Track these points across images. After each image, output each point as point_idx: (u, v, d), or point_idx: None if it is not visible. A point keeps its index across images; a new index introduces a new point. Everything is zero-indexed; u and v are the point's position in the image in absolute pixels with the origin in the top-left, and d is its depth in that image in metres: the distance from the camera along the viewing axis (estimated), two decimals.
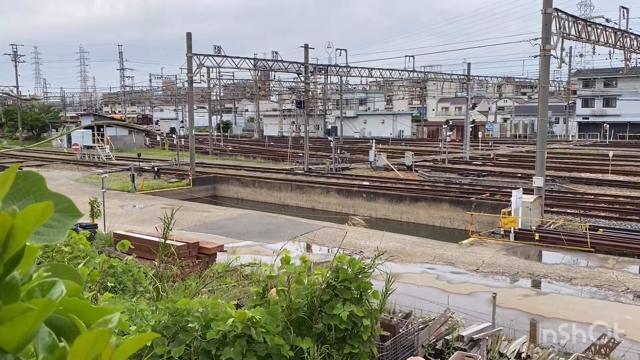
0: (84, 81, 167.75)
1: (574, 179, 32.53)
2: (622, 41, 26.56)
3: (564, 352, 8.58)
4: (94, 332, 0.75)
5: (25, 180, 0.81)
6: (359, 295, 6.13)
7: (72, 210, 0.87)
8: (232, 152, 55.74)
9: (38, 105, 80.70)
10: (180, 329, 5.51)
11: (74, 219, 0.86)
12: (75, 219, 0.86)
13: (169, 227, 7.30)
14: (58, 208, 0.84)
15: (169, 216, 7.51)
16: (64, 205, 0.85)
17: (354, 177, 35.95)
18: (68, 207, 0.86)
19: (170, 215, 7.26)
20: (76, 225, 8.14)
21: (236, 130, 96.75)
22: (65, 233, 0.87)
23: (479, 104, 79.51)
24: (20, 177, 0.80)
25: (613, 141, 62.91)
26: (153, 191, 31.44)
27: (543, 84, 21.54)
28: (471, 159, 43.93)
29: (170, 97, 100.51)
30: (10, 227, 0.72)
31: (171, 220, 7.31)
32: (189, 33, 34.37)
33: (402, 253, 16.89)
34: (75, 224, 0.89)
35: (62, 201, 0.86)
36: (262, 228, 21.32)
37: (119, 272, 9.65)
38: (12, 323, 0.73)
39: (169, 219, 7.27)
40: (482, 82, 62.02)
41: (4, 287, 0.75)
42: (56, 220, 0.83)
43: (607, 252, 17.44)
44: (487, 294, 11.96)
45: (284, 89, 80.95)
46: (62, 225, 0.84)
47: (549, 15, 20.75)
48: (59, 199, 0.85)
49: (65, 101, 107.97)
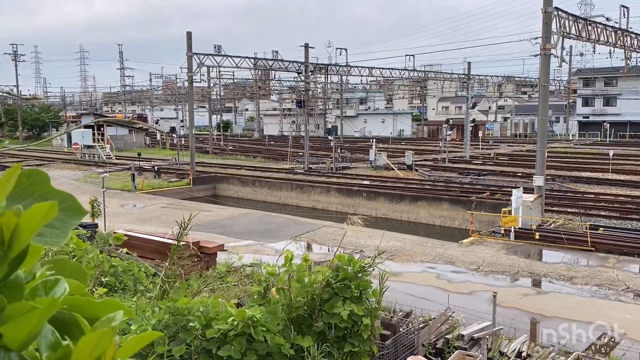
0: (84, 81, 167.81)
1: (575, 178, 32.53)
2: (622, 40, 26.55)
3: (564, 351, 8.59)
4: (98, 332, 0.75)
5: (30, 178, 0.81)
6: (359, 294, 6.15)
7: (77, 209, 0.86)
8: (233, 152, 55.75)
9: (38, 104, 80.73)
10: (181, 328, 5.51)
11: (78, 218, 0.86)
12: (80, 218, 0.86)
13: (185, 229, 7.28)
14: (62, 207, 0.84)
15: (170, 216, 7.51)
16: (68, 204, 0.85)
17: (354, 177, 35.96)
18: (72, 206, 0.86)
19: (189, 218, 7.23)
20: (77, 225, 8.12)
21: (236, 130, 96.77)
22: (68, 235, 0.87)
23: (479, 103, 79.46)
24: (24, 176, 0.81)
25: (613, 140, 62.91)
26: (153, 190, 31.45)
27: (543, 83, 21.54)
28: (471, 158, 43.93)
29: (171, 97, 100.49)
30: (15, 227, 0.72)
31: (188, 223, 7.28)
32: (189, 32, 34.37)
33: (402, 252, 16.90)
34: (79, 223, 0.89)
35: (66, 199, 0.85)
36: (262, 227, 21.33)
37: (120, 271, 9.67)
38: (17, 322, 0.73)
39: (186, 223, 7.25)
40: (483, 81, 62.03)
41: (8, 285, 0.75)
42: (59, 220, 0.83)
43: (607, 251, 17.45)
44: (487, 293, 11.97)
45: (284, 88, 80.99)
46: (65, 226, 0.84)
47: (549, 14, 20.75)
48: (63, 197, 0.85)
49: (65, 101, 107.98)
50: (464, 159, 43.53)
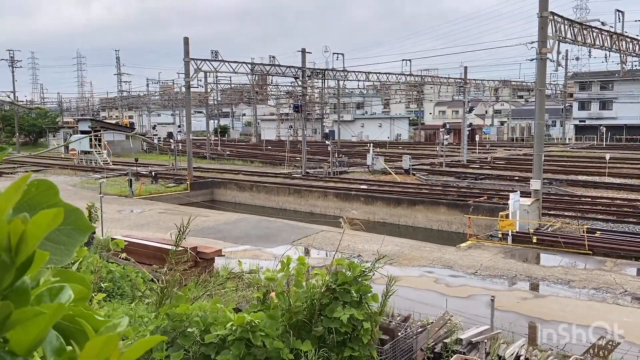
0: (81, 86, 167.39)
1: (571, 182, 32.61)
2: (617, 44, 26.69)
3: (562, 354, 8.60)
4: (104, 337, 0.77)
5: (38, 188, 0.82)
6: (359, 298, 6.15)
7: (84, 224, 0.86)
8: (230, 157, 55.74)
9: (35, 110, 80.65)
10: (179, 334, 5.51)
11: (84, 234, 0.86)
12: (87, 234, 0.86)
13: (183, 234, 7.26)
14: (69, 220, 0.84)
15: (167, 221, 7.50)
16: (75, 218, 0.85)
17: (351, 181, 35.97)
18: (79, 220, 0.86)
19: (188, 222, 7.22)
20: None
21: (234, 135, 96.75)
22: (73, 253, 0.86)
23: (476, 107, 79.71)
24: (33, 186, 0.82)
25: (610, 144, 63.09)
26: (151, 196, 31.41)
27: (540, 87, 21.62)
28: (469, 162, 44.01)
29: (168, 102, 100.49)
30: (22, 233, 0.73)
31: (187, 228, 7.27)
32: (186, 38, 34.42)
33: (400, 256, 16.90)
34: (85, 240, 0.89)
35: (74, 214, 0.86)
36: (260, 232, 21.31)
37: (117, 277, 9.65)
38: (24, 326, 0.75)
39: (184, 227, 7.24)
40: (479, 86, 62.18)
41: (15, 291, 0.76)
42: (66, 235, 0.83)
43: (604, 254, 17.48)
44: (485, 297, 11.97)
45: (282, 93, 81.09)
46: (72, 242, 0.84)
47: (545, 19, 20.85)
48: (72, 211, 0.85)
49: (62, 106, 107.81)
50: (461, 163, 43.60)
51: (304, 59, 40.25)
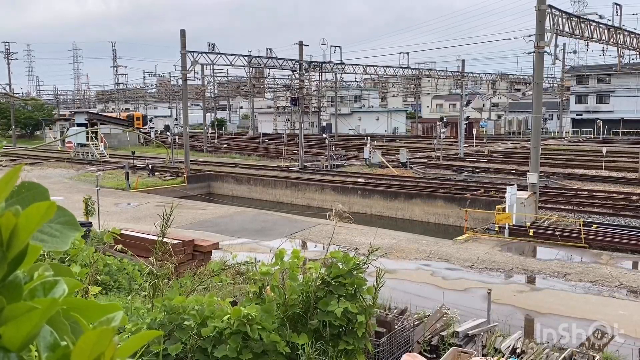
0: (77, 79, 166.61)
1: (568, 175, 32.67)
2: (615, 38, 26.68)
3: (558, 347, 8.63)
4: (98, 330, 0.75)
5: (30, 190, 0.82)
6: (354, 291, 6.14)
7: (73, 225, 0.90)
8: (227, 150, 55.65)
9: (31, 103, 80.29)
10: (176, 327, 5.50)
11: (74, 232, 0.89)
12: (75, 233, 0.90)
13: (167, 224, 7.26)
14: (60, 220, 0.88)
15: (166, 213, 7.49)
16: (66, 219, 0.89)
17: (349, 174, 35.97)
18: (70, 221, 0.90)
19: (170, 211, 7.23)
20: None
21: (231, 128, 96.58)
22: (68, 242, 0.90)
23: (473, 101, 79.62)
24: (24, 187, 0.82)
25: (606, 137, 63.19)
26: (147, 189, 31.35)
27: (537, 81, 21.60)
28: (466, 156, 44.03)
29: (164, 95, 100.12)
30: (13, 227, 0.72)
31: (169, 217, 7.28)
32: (183, 30, 34.26)
33: (397, 249, 16.93)
34: (75, 237, 0.92)
35: (64, 214, 0.89)
36: (257, 225, 21.31)
37: (114, 270, 9.64)
38: (16, 322, 0.73)
39: (167, 215, 7.24)
40: (476, 79, 62.08)
41: (7, 286, 0.75)
42: (58, 231, 0.85)
43: (600, 247, 17.54)
44: (482, 290, 12.01)
45: (279, 86, 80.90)
46: (65, 236, 0.86)
47: (543, 12, 20.81)
48: (62, 212, 0.88)
49: (58, 99, 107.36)
50: (458, 157, 43.62)
51: (301, 51, 40.11)
